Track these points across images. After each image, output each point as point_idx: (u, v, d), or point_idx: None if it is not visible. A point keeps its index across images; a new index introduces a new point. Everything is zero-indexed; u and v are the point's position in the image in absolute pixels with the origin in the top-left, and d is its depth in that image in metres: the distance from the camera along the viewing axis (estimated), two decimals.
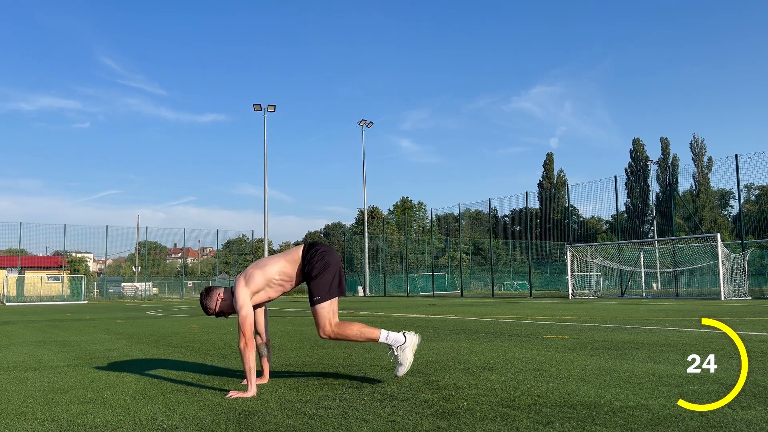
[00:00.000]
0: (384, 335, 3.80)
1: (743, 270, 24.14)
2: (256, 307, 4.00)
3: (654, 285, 35.88)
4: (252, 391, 3.59)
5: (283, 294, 4.02)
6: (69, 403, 3.51)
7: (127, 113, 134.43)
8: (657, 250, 31.87)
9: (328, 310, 3.80)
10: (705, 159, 61.18)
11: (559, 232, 57.63)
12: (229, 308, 3.96)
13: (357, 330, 3.79)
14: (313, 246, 3.94)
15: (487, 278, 45.35)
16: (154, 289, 48.75)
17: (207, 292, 4.00)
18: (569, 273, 28.77)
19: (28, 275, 45.50)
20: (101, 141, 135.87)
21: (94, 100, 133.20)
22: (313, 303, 3.82)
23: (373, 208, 71.45)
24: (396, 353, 3.79)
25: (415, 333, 3.89)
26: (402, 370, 3.77)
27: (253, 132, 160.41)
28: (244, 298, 3.79)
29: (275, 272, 3.88)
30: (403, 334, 3.83)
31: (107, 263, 68.80)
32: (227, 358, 5.56)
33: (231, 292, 3.95)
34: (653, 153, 66.27)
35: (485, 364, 4.77)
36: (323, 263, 3.84)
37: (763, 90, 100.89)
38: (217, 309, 3.95)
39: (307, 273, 3.86)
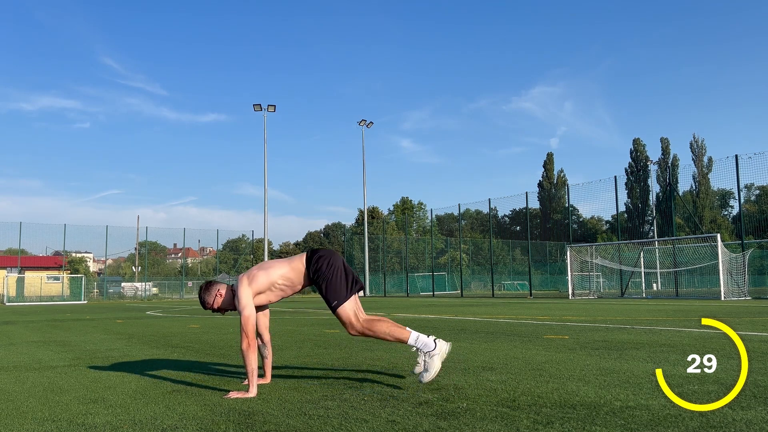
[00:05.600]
0: (414, 338, 3.66)
1: (743, 270, 24.13)
2: (256, 309, 3.99)
3: (654, 285, 35.86)
4: (252, 392, 3.59)
5: (283, 299, 4.01)
6: (69, 403, 3.51)
7: (128, 113, 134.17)
8: (657, 250, 31.87)
9: (350, 308, 3.73)
10: (705, 159, 61.16)
11: (559, 232, 57.61)
12: (228, 305, 3.94)
13: (386, 328, 3.68)
14: (315, 252, 3.90)
15: (487, 278, 45.34)
16: (154, 289, 48.73)
17: (207, 287, 3.97)
18: (569, 273, 28.76)
19: (28, 275, 45.49)
20: (102, 141, 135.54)
21: (95, 100, 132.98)
22: (333, 308, 3.75)
23: (373, 208, 71.48)
24: (424, 359, 3.62)
25: (447, 342, 3.75)
26: (427, 377, 3.61)
27: (253, 132, 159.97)
28: (247, 299, 3.77)
29: (278, 276, 3.86)
30: (434, 340, 3.66)
31: (107, 263, 68.71)
32: (227, 358, 5.56)
33: (231, 290, 3.94)
34: (653, 153, 66.31)
35: (485, 364, 4.77)
36: (328, 266, 3.81)
37: (763, 90, 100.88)
38: (215, 305, 3.93)
39: (315, 280, 3.82)
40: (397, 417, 2.95)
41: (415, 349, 3.69)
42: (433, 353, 3.62)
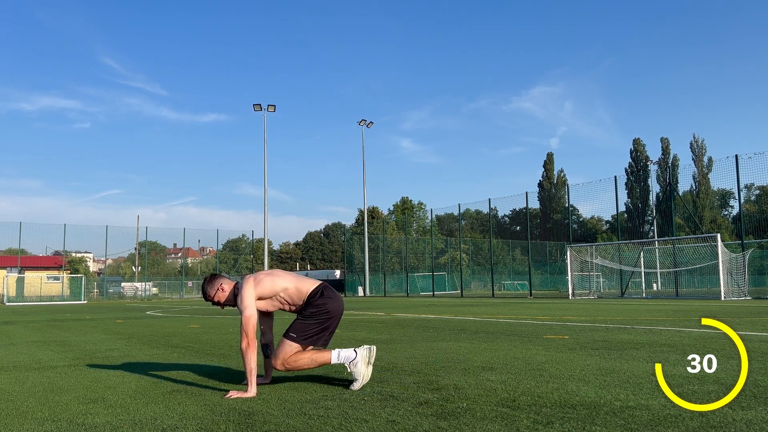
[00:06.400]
0: (335, 356, 3.83)
1: (743, 270, 24.13)
2: (259, 314, 4.01)
3: (654, 285, 35.85)
4: (252, 392, 3.59)
5: (280, 310, 4.05)
6: (69, 403, 3.51)
7: (128, 113, 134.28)
8: (657, 250, 31.85)
9: (293, 349, 3.81)
10: (705, 159, 61.15)
11: (559, 232, 57.59)
12: (228, 301, 4.00)
13: (307, 358, 3.83)
14: (326, 290, 3.95)
15: (487, 278, 45.33)
16: (154, 289, 48.70)
17: (210, 279, 4.03)
18: (569, 273, 28.76)
19: (28, 275, 45.47)
20: (102, 141, 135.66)
21: (95, 100, 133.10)
22: (286, 335, 3.84)
23: (373, 208, 71.48)
24: (350, 369, 3.81)
25: (369, 346, 3.91)
26: (357, 386, 3.76)
27: (253, 132, 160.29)
28: (250, 299, 3.81)
29: (282, 289, 3.91)
30: (354, 350, 3.85)
31: (107, 263, 68.69)
32: (227, 358, 5.56)
33: (234, 288, 3.98)
34: (653, 153, 66.30)
35: (485, 364, 4.77)
36: (325, 310, 3.87)
37: (763, 90, 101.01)
38: (215, 298, 3.99)
39: (303, 307, 3.89)
40: (397, 417, 2.95)
41: (342, 364, 3.86)
42: (356, 361, 3.79)
